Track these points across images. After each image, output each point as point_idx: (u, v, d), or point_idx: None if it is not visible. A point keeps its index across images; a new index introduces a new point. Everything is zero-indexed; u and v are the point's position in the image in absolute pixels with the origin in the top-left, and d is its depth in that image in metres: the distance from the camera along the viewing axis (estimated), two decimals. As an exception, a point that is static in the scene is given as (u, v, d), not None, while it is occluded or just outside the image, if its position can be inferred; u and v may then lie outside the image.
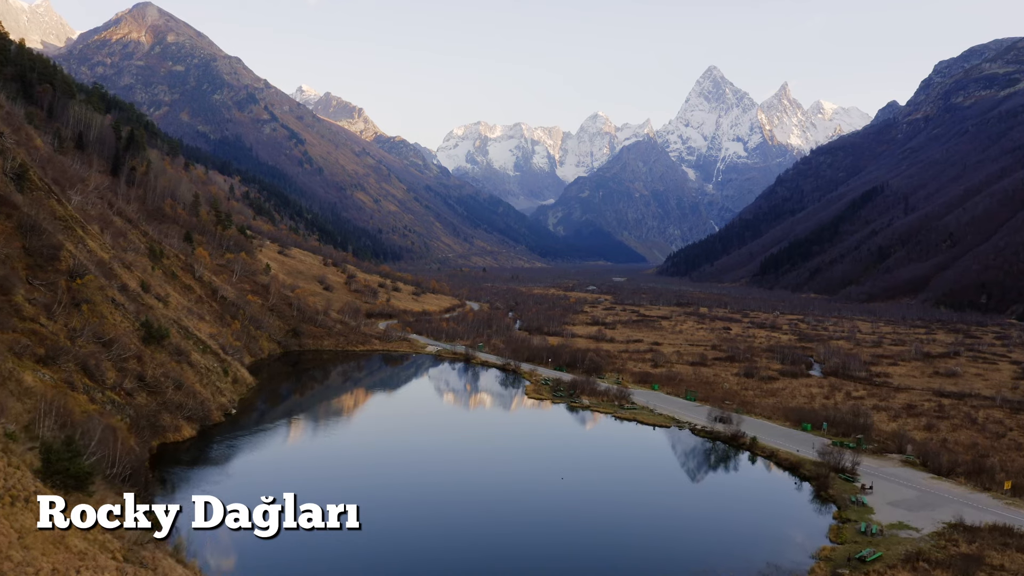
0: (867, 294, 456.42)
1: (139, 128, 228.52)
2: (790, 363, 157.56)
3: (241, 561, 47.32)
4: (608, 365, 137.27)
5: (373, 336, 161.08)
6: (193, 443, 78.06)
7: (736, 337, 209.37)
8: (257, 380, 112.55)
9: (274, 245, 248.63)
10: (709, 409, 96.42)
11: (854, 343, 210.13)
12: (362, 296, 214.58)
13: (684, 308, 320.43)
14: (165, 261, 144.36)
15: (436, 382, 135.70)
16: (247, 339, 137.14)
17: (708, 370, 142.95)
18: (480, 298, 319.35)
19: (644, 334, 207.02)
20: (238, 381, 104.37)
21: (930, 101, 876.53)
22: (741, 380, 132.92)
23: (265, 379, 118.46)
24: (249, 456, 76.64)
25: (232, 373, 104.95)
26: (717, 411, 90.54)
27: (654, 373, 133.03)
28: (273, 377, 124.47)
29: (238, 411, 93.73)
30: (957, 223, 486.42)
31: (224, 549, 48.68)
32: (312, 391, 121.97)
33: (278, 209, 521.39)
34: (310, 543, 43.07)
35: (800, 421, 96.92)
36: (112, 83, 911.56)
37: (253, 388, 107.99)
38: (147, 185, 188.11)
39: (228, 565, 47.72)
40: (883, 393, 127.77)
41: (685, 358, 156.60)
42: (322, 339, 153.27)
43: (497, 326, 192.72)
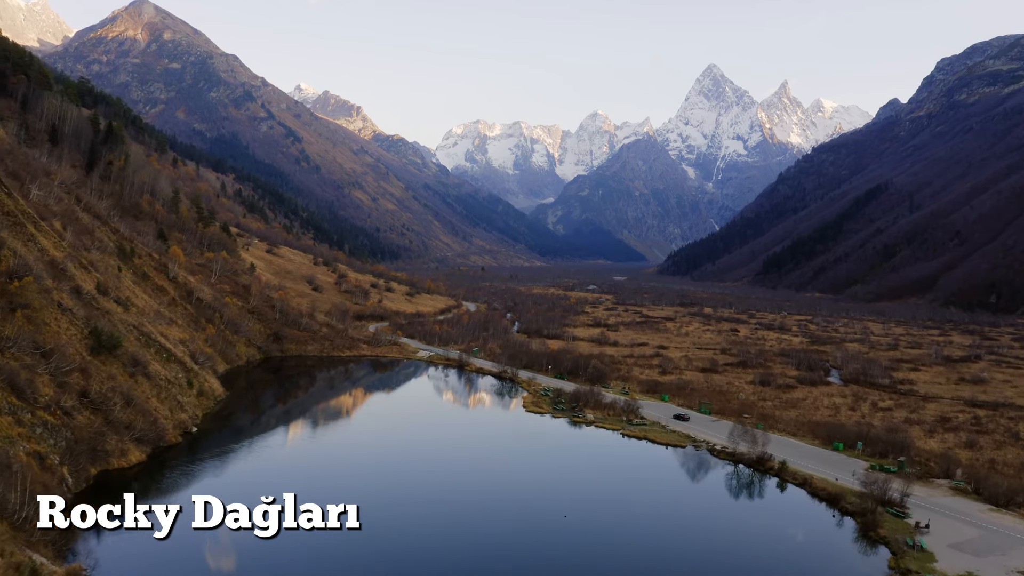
0: (873, 294, 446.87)
1: (119, 122, 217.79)
2: (806, 369, 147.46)
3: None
4: (613, 372, 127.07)
5: (361, 340, 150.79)
6: (141, 470, 67.85)
7: (745, 340, 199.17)
8: (228, 392, 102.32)
9: (262, 244, 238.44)
10: (728, 424, 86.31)
11: (869, 346, 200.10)
12: (353, 297, 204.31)
13: (688, 308, 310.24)
14: (136, 261, 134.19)
15: (425, 393, 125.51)
16: (223, 345, 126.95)
17: (720, 377, 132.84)
18: (477, 298, 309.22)
19: (649, 337, 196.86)
20: (204, 394, 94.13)
21: (933, 98, 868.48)
22: (757, 389, 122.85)
23: (238, 390, 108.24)
24: (200, 485, 66.23)
25: (198, 384, 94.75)
26: (739, 427, 79.98)
27: (663, 381, 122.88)
28: (247, 388, 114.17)
29: (201, 429, 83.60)
30: (964, 221, 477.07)
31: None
32: (285, 405, 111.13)
33: (273, 207, 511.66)
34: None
35: (830, 439, 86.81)
36: (108, 81, 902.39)
37: (222, 401, 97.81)
38: (124, 180, 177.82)
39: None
40: (911, 403, 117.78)
41: (694, 364, 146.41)
42: (306, 344, 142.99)
43: (494, 328, 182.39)
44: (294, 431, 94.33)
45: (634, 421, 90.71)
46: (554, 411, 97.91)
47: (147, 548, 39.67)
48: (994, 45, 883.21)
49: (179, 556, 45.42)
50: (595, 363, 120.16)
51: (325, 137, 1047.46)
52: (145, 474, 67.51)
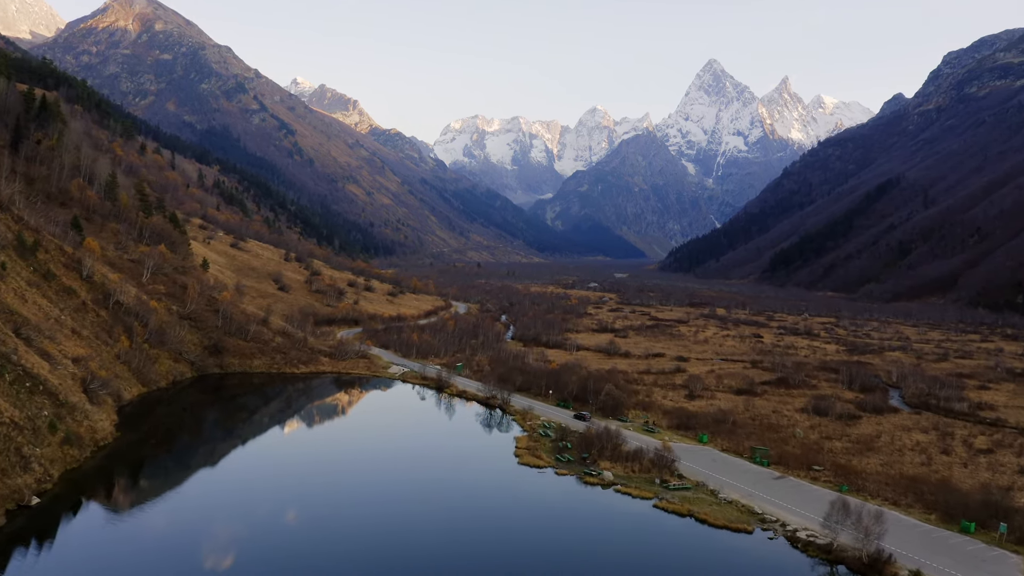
0: (891, 293, 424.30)
1: (54, 96, 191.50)
2: (860, 388, 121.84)
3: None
4: (630, 397, 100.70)
5: (323, 352, 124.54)
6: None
7: (774, 349, 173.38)
8: (120, 432, 76.29)
9: (228, 237, 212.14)
10: (797, 484, 60.63)
11: (915, 356, 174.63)
12: (324, 298, 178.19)
13: (699, 309, 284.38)
14: (40, 256, 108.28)
15: (382, 431, 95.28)
16: (140, 361, 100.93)
17: (763, 402, 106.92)
18: (470, 298, 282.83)
19: (664, 344, 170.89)
20: (75, 441, 67.95)
21: (941, 92, 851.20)
22: (812, 420, 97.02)
23: (138, 428, 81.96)
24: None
25: (68, 427, 68.77)
26: (836, 502, 53.37)
27: (693, 410, 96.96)
28: (153, 426, 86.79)
29: (52, 496, 57.76)
30: (984, 217, 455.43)
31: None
32: (187, 451, 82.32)
33: (258, 200, 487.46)
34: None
35: (946, 510, 61.12)
36: (97, 72, 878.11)
37: (107, 447, 71.81)
38: (52, 162, 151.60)
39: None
40: (1009, 439, 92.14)
41: (725, 382, 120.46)
42: (252, 358, 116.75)
43: (485, 336, 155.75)
44: (176, 500, 63.50)
45: (671, 484, 64.61)
46: (557, 463, 71.67)
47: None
48: (1003, 38, 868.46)
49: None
50: (609, 388, 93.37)
51: (320, 130, 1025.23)
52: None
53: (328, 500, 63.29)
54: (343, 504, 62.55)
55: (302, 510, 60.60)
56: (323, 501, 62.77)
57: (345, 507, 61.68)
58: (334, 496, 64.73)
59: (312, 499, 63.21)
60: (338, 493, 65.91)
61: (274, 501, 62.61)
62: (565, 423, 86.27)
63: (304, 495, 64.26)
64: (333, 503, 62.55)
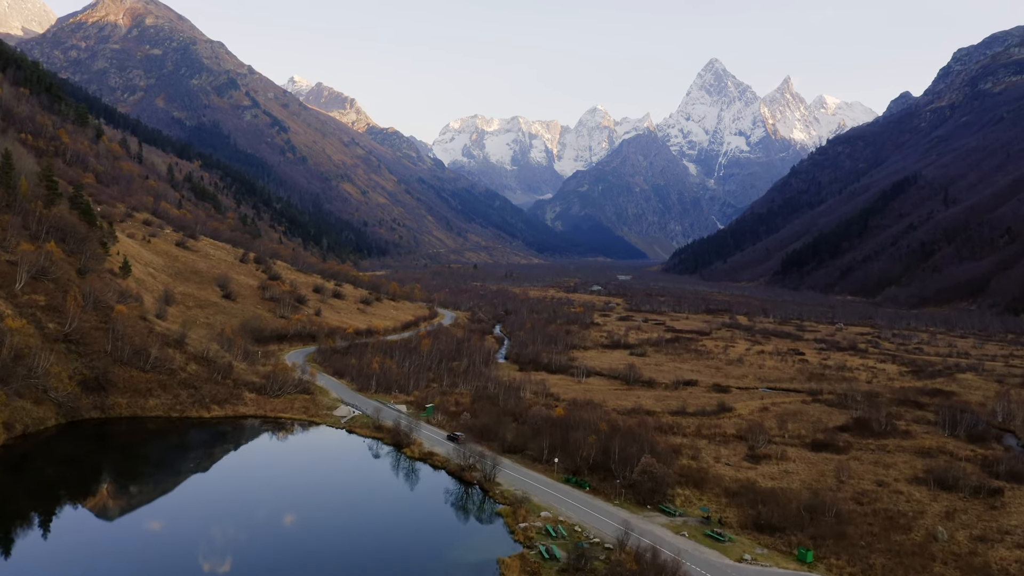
0: (916, 297, 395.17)
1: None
2: (966, 436, 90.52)
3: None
4: (670, 462, 67.97)
5: (250, 385, 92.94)
6: None
7: (824, 371, 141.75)
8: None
9: (175, 234, 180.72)
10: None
11: (993, 378, 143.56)
12: (278, 307, 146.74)
13: (718, 317, 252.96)
14: None
15: (296, 532, 56.54)
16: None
17: (856, 465, 75.17)
18: (461, 304, 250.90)
19: (692, 366, 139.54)
20: None
21: (953, 89, 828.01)
22: (935, 495, 65.73)
23: None
24: None
25: None
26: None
27: (763, 483, 65.69)
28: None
29: None
30: (1013, 216, 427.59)
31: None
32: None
33: (239, 197, 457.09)
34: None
35: None
36: (85, 68, 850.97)
37: None
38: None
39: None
40: None
41: (790, 427, 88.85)
42: (147, 395, 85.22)
43: (470, 357, 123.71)
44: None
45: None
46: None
47: None
48: (1015, 35, 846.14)
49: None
50: (648, 462, 59.94)
51: (314, 128, 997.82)
52: None
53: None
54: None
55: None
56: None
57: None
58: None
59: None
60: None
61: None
62: (580, 524, 54.91)
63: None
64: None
